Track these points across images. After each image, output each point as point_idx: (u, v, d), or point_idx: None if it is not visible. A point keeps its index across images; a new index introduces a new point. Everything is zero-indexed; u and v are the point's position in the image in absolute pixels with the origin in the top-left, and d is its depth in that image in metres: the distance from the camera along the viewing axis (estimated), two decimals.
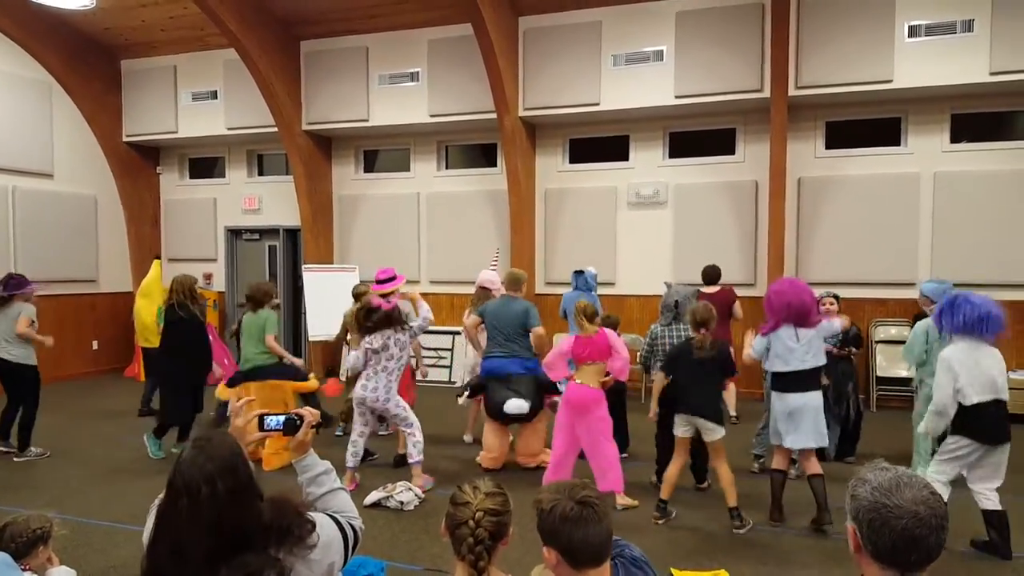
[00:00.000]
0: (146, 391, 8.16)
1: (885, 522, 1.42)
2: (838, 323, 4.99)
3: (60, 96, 10.54)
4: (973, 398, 4.11)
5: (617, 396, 5.78)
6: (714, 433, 4.65)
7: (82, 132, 10.85)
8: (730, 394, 4.83)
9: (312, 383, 6.56)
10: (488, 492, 1.96)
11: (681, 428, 4.74)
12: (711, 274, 7.61)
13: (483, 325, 6.13)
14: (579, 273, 7.30)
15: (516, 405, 5.57)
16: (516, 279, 6.26)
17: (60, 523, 3.09)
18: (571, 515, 1.74)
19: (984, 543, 4.25)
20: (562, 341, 5.29)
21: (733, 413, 4.91)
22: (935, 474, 4.28)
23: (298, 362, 6.61)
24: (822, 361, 4.66)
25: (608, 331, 5.14)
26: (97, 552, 4.25)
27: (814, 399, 4.58)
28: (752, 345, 4.80)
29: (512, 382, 5.69)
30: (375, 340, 5.39)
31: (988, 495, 4.21)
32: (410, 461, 5.42)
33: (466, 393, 6.30)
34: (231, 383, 6.33)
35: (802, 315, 4.59)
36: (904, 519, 1.40)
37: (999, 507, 4.22)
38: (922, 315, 6.00)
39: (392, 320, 5.40)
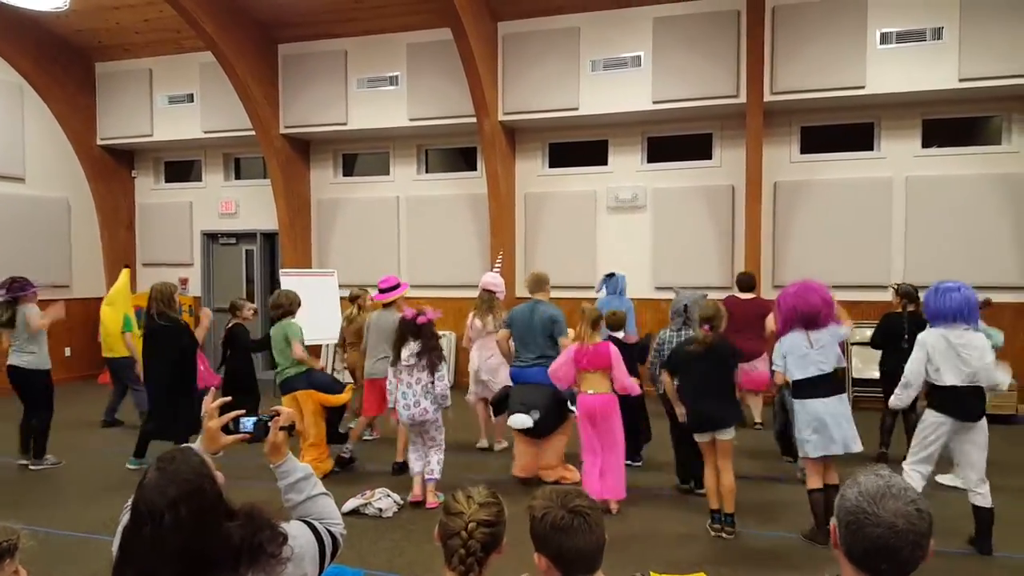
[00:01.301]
0: (111, 401, 8.01)
1: (861, 527, 1.44)
2: (844, 330, 4.74)
3: (32, 98, 10.38)
4: (948, 380, 4.22)
5: (635, 402, 5.67)
6: (726, 433, 4.56)
7: (55, 135, 10.69)
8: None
9: (345, 396, 6.11)
10: (482, 502, 1.91)
11: (701, 436, 4.65)
12: (747, 282, 7.31)
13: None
14: (610, 276, 6.85)
15: (519, 420, 5.39)
16: (539, 281, 6.02)
17: (28, 535, 2.99)
18: (562, 524, 1.73)
19: (970, 538, 4.32)
20: (568, 349, 5.17)
21: (758, 420, 4.83)
22: (911, 467, 4.34)
23: (316, 364, 6.27)
24: (839, 364, 4.49)
25: (613, 347, 5.03)
26: (68, 564, 4.17)
27: (837, 404, 4.39)
28: (775, 363, 4.63)
29: (528, 394, 5.49)
30: (411, 355, 5.19)
31: (979, 491, 4.28)
32: (428, 477, 5.26)
33: (491, 412, 6.19)
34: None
35: (810, 318, 4.45)
36: (880, 528, 1.42)
37: (989, 504, 4.27)
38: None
39: (427, 334, 5.22)
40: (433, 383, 5.18)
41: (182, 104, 10.65)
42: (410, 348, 5.20)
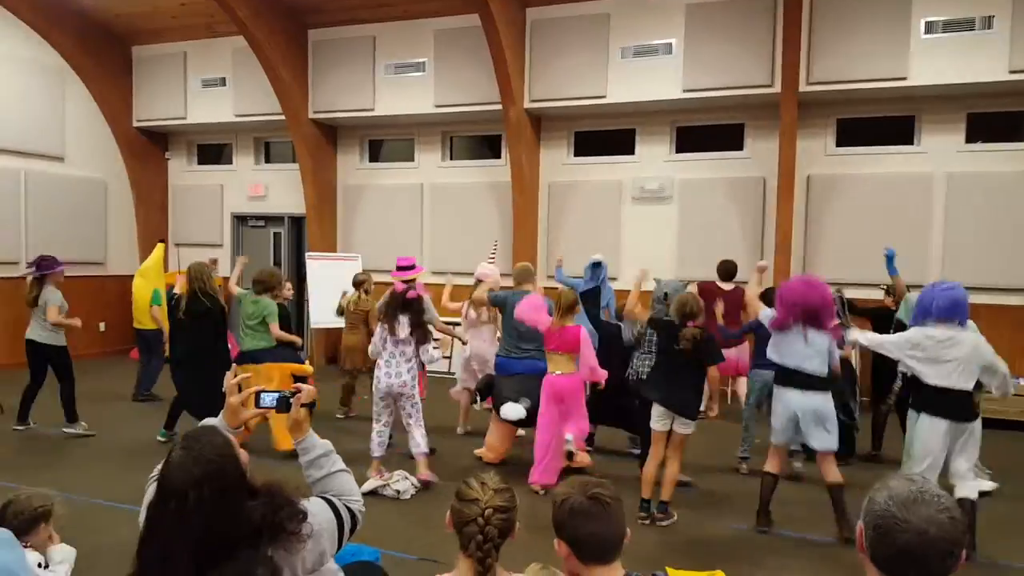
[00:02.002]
0: (139, 374, 8.16)
1: (889, 532, 1.38)
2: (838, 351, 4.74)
3: (73, 81, 10.64)
4: (932, 380, 4.11)
5: (623, 384, 5.66)
6: (686, 428, 4.62)
7: (93, 117, 10.96)
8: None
9: (308, 367, 6.30)
10: (496, 488, 1.94)
11: (659, 422, 4.64)
12: (728, 270, 7.43)
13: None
14: (596, 265, 6.88)
15: (512, 410, 5.40)
16: (526, 273, 6.03)
17: (61, 501, 3.09)
18: (580, 509, 1.77)
19: None
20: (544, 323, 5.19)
21: (709, 408, 4.81)
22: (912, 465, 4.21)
23: (298, 342, 6.41)
24: (825, 371, 4.42)
25: (584, 331, 5.09)
26: (98, 531, 4.26)
27: (815, 400, 4.37)
28: (762, 310, 4.65)
29: (518, 383, 5.52)
30: (401, 329, 5.27)
31: (965, 484, 4.17)
32: (416, 451, 5.31)
33: (477, 398, 6.18)
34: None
35: (811, 315, 4.38)
36: (909, 534, 1.36)
37: (973, 496, 4.15)
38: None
39: (415, 309, 5.28)
40: (417, 356, 5.27)
41: (215, 88, 10.79)
42: (401, 322, 5.26)
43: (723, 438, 6.52)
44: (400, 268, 5.98)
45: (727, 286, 7.36)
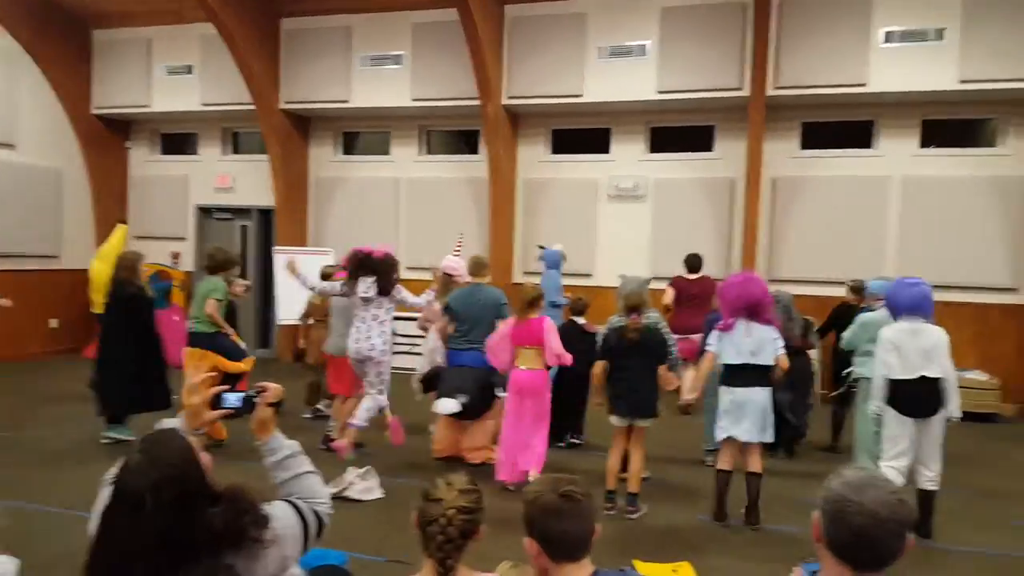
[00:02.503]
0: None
1: (844, 516, 1.47)
2: (781, 343, 4.85)
3: (26, 65, 10.16)
4: (897, 373, 4.36)
5: (580, 382, 5.80)
6: (646, 421, 4.74)
7: (48, 103, 10.50)
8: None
9: (243, 366, 6.05)
10: (462, 489, 1.93)
11: (620, 420, 4.77)
12: (693, 263, 7.78)
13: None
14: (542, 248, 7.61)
15: (444, 406, 5.39)
16: (479, 264, 6.03)
17: (2, 511, 2.91)
18: (551, 507, 1.76)
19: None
20: (505, 324, 5.27)
21: (689, 397, 4.99)
22: (887, 464, 4.42)
23: (235, 338, 6.19)
24: (770, 362, 4.58)
25: (547, 320, 5.13)
26: (45, 540, 4.03)
27: (759, 395, 4.56)
28: (709, 344, 4.76)
29: (459, 376, 5.53)
30: (368, 288, 5.23)
31: (928, 474, 4.41)
32: (352, 422, 5.20)
33: (420, 389, 6.15)
34: None
35: (752, 307, 4.59)
36: (862, 516, 1.45)
37: (933, 488, 4.40)
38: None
39: (381, 268, 5.24)
40: (386, 322, 5.25)
41: (181, 75, 10.50)
42: (366, 282, 5.23)
43: (687, 430, 6.66)
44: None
45: (693, 277, 7.75)
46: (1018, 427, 7.65)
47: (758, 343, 4.56)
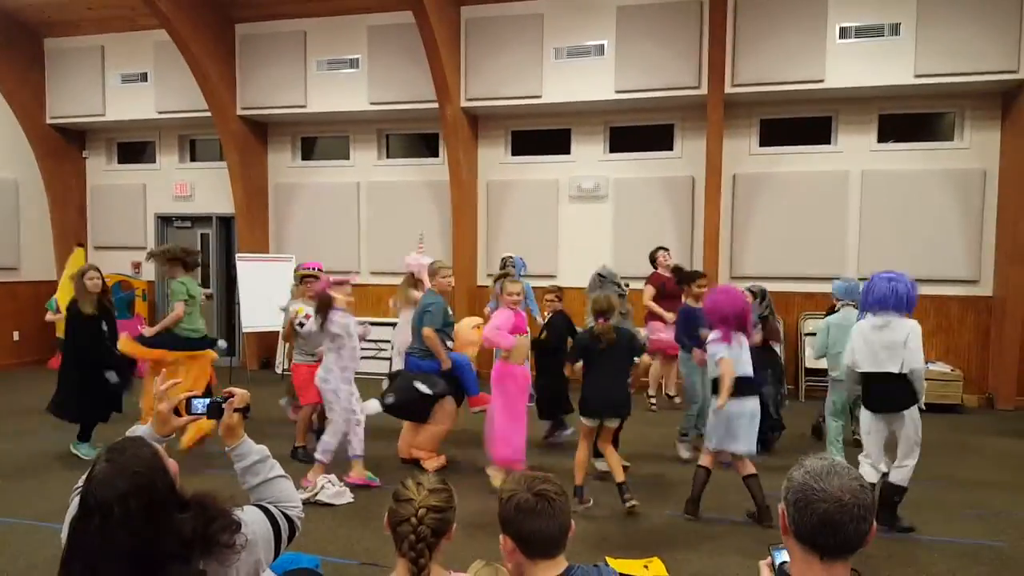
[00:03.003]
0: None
1: (809, 503, 1.49)
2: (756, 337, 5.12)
3: None
4: (864, 366, 4.41)
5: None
6: (614, 422, 4.83)
7: (2, 113, 10.30)
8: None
9: (210, 353, 6.15)
10: (432, 488, 1.94)
11: (588, 420, 4.83)
12: (680, 274, 7.56)
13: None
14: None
15: (369, 407, 5.55)
16: (430, 270, 6.02)
17: None
18: (526, 506, 1.78)
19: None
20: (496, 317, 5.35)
21: (653, 395, 5.00)
22: (863, 457, 4.46)
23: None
24: (752, 372, 4.69)
25: (496, 314, 5.32)
26: (15, 553, 4.05)
27: (751, 403, 4.62)
28: (718, 354, 4.68)
29: (400, 379, 5.70)
30: (310, 324, 5.38)
31: (902, 465, 4.41)
32: (317, 456, 5.22)
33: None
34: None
35: (742, 321, 4.68)
36: (827, 503, 1.47)
37: (901, 482, 4.41)
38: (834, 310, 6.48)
39: (318, 305, 5.28)
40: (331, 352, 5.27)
41: (136, 83, 10.34)
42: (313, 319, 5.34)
43: (656, 426, 6.72)
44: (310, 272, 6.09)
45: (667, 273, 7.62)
46: (980, 417, 7.70)
47: (746, 355, 4.65)
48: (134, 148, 11.30)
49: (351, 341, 5.24)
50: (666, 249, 7.88)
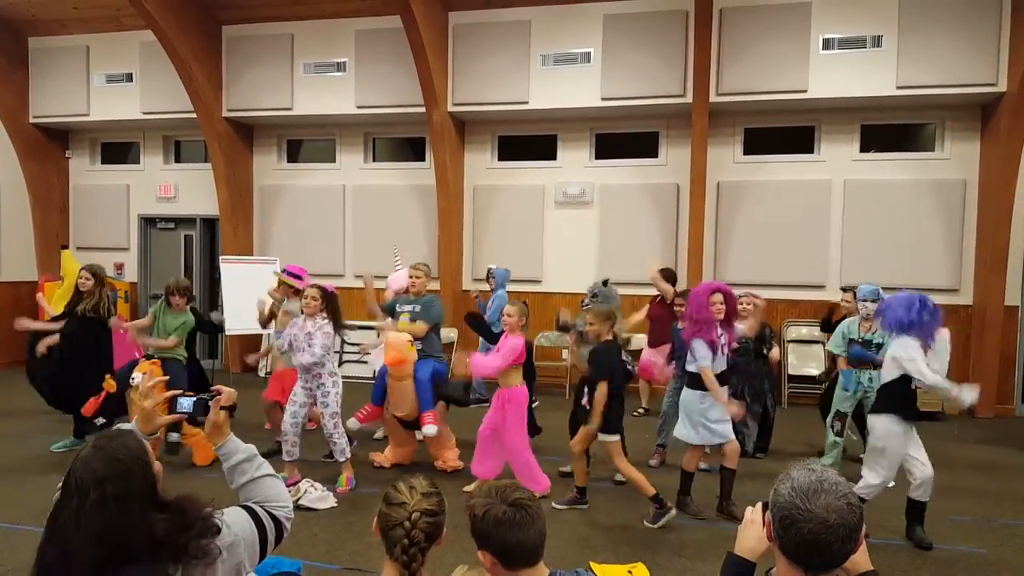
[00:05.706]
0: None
1: (794, 522, 1.47)
2: (741, 328, 5.06)
3: None
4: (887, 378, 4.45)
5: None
6: (605, 438, 4.75)
7: None
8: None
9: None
10: (424, 492, 1.91)
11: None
12: (668, 276, 7.32)
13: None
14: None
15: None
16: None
17: None
18: (504, 518, 1.73)
19: None
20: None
21: (644, 405, 5.00)
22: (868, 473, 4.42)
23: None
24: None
25: (510, 339, 5.07)
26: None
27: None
28: (698, 353, 4.68)
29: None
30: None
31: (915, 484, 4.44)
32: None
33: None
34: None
35: (732, 307, 4.76)
36: (812, 524, 1.44)
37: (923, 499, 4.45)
38: (831, 316, 6.62)
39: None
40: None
41: (120, 84, 10.27)
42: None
43: (635, 431, 6.68)
44: (299, 277, 6.05)
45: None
46: (960, 425, 7.75)
47: (726, 349, 4.74)
48: (118, 148, 11.22)
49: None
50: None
